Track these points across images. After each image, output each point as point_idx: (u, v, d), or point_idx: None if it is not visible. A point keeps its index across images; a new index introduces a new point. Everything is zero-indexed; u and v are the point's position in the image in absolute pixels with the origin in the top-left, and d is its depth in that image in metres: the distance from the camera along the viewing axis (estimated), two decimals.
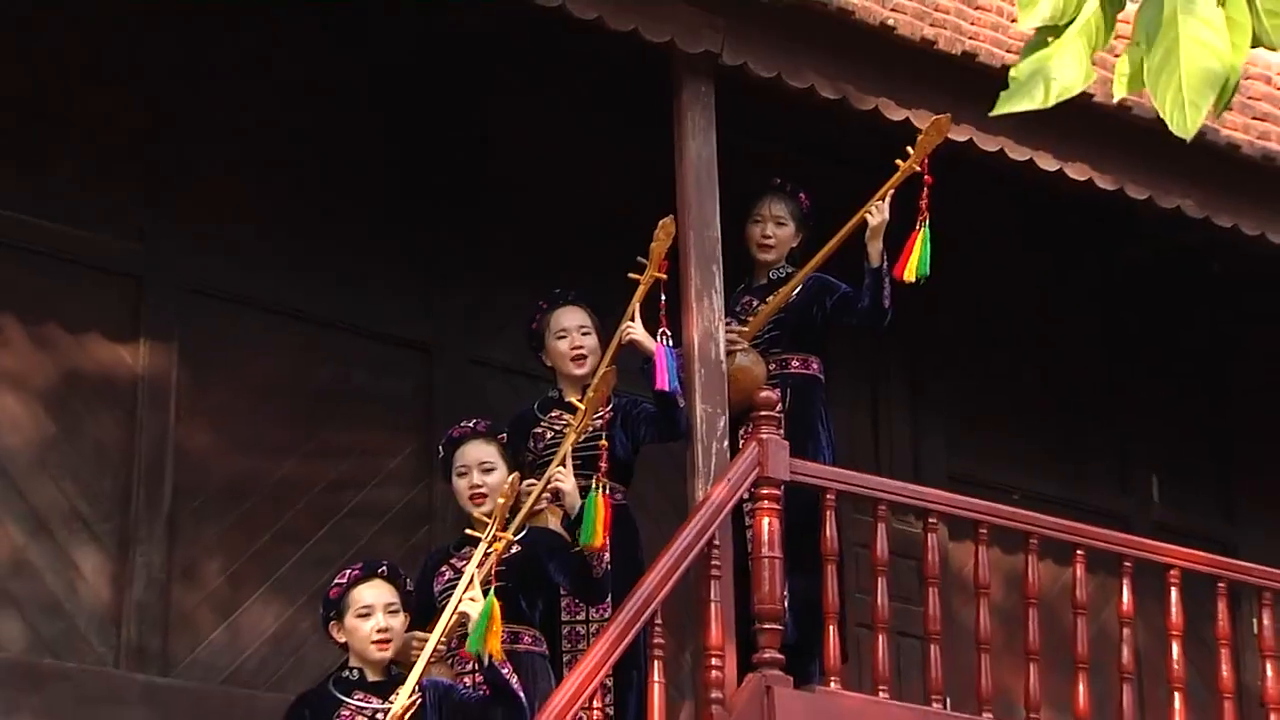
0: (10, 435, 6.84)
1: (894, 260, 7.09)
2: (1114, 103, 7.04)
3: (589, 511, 6.30)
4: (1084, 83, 2.70)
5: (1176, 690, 7.62)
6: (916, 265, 6.99)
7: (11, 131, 7.02)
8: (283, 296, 7.48)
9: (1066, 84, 2.70)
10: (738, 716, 6.51)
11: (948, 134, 7.11)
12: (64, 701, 6.63)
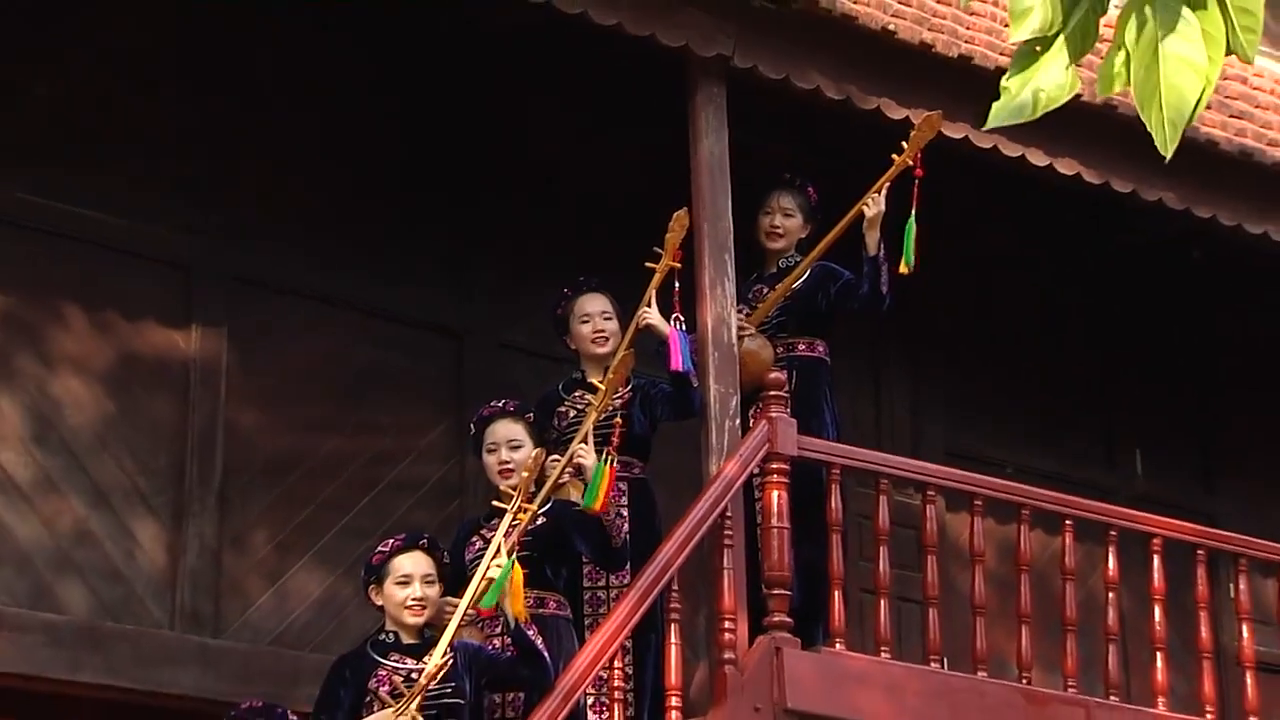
0: (73, 415, 6.85)
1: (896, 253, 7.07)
2: (1100, 102, 7.01)
3: (595, 479, 6.30)
4: (1070, 92, 2.69)
5: (1158, 651, 7.61)
6: (904, 257, 6.97)
7: (71, 134, 7.02)
8: (323, 286, 7.47)
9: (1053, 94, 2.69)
10: (749, 676, 6.51)
11: (939, 130, 7.07)
12: (123, 661, 6.66)
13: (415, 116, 7.80)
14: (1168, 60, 2.56)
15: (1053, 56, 2.69)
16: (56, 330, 6.89)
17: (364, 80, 7.71)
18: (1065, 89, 2.69)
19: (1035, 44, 2.70)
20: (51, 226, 6.93)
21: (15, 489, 6.68)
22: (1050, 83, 2.68)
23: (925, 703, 6.99)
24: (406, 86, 7.79)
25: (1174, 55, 2.56)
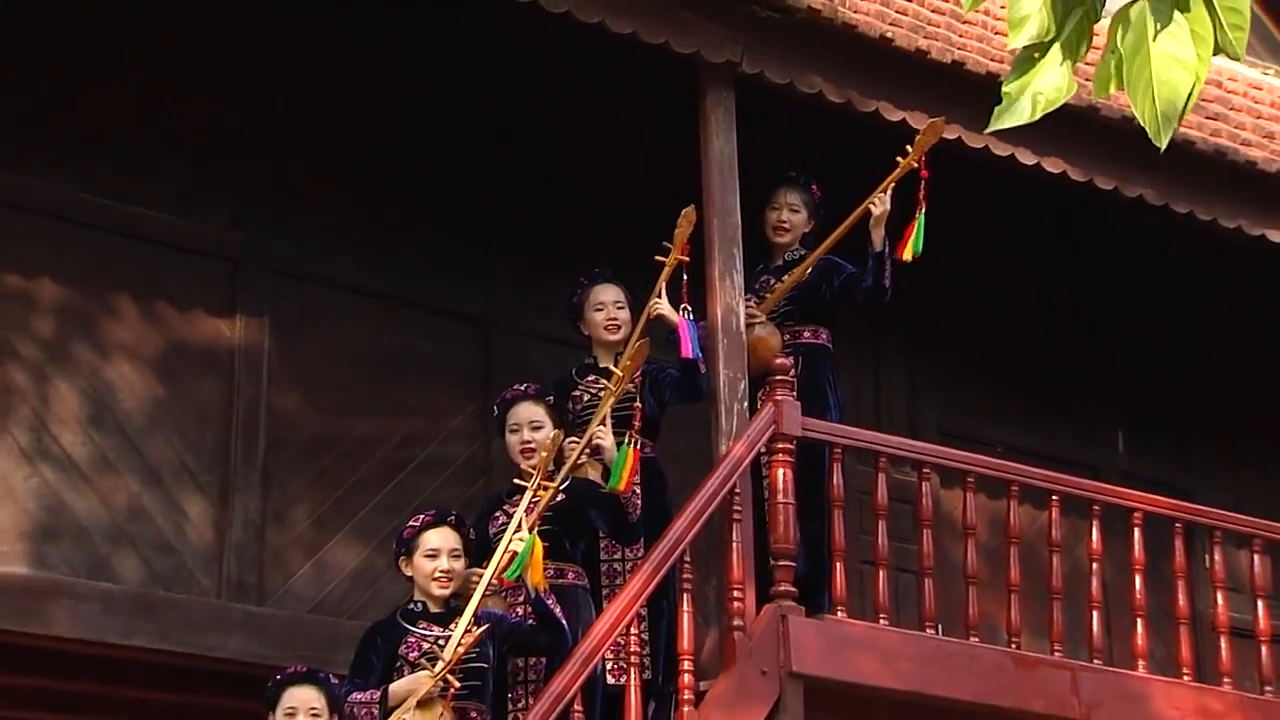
0: (127, 399, 6.84)
1: (894, 245, 7.06)
2: (1084, 104, 6.98)
3: (619, 460, 6.31)
4: (1067, 94, 2.67)
5: (1139, 617, 7.61)
6: (912, 246, 6.96)
7: (126, 137, 7.00)
8: (358, 277, 7.45)
9: (1051, 97, 2.66)
10: (756, 642, 6.50)
11: (942, 135, 7.05)
12: (174, 627, 6.66)
13: (444, 121, 7.77)
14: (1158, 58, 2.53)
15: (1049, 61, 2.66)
16: (111, 320, 6.88)
17: (397, 87, 7.68)
18: (1062, 91, 2.66)
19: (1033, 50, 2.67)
20: (106, 223, 6.91)
21: (74, 467, 6.67)
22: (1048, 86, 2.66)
23: (921, 666, 6.97)
24: (436, 93, 7.75)
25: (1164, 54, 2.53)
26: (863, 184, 7.12)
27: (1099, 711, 7.38)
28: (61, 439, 6.67)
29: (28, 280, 6.70)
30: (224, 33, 7.24)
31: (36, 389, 6.64)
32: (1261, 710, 7.81)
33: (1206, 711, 7.65)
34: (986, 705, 7.16)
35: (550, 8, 6.52)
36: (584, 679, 5.98)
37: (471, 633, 5.79)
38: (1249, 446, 9.85)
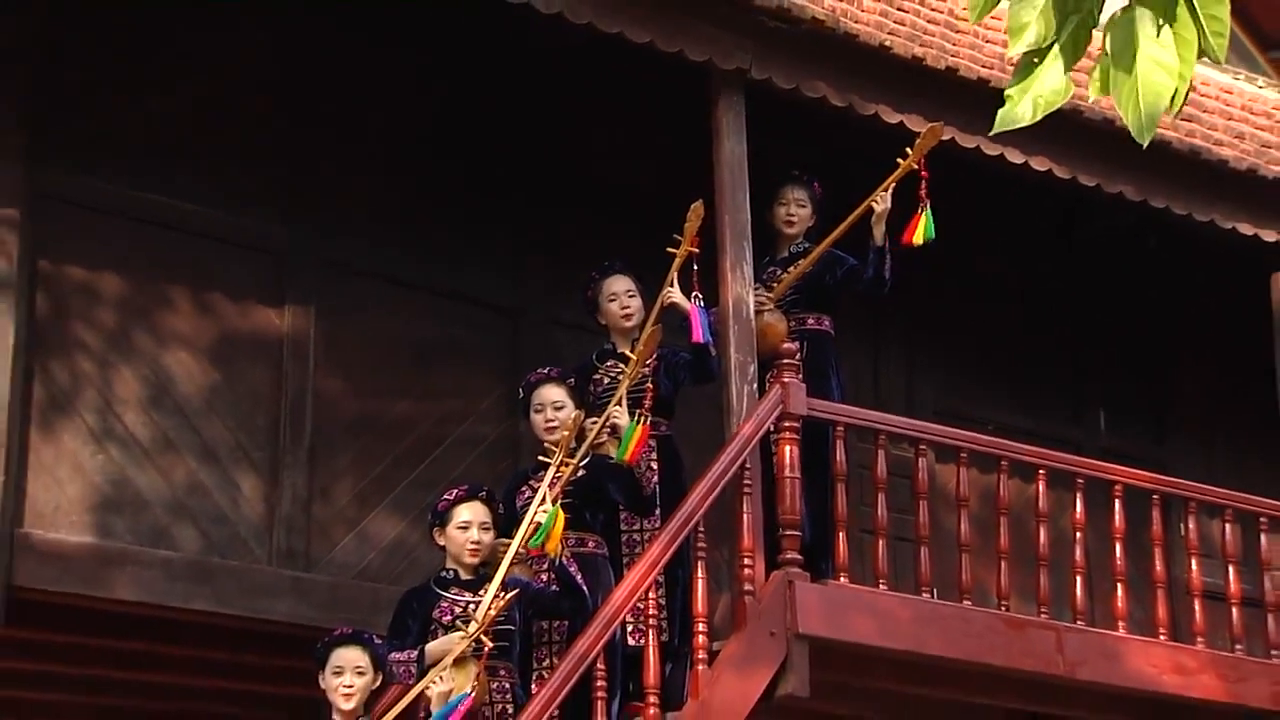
0: (185, 384, 6.81)
1: (897, 237, 7.02)
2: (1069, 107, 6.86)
3: (628, 433, 6.31)
4: (1065, 96, 2.62)
5: (1119, 582, 7.58)
6: (923, 231, 6.93)
7: (181, 138, 6.96)
8: (397, 269, 7.41)
9: (1050, 100, 2.62)
10: (765, 605, 6.47)
11: (940, 138, 7.02)
12: (229, 592, 6.65)
13: (476, 126, 7.71)
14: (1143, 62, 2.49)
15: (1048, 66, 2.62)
16: (168, 310, 6.84)
17: (432, 94, 7.63)
18: (1060, 94, 2.62)
19: (1032, 55, 2.63)
20: (163, 220, 6.87)
21: (137, 445, 6.65)
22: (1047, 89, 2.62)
23: (917, 628, 6.94)
24: (469, 100, 7.70)
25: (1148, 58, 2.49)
26: (863, 182, 7.08)
27: (1082, 668, 7.35)
28: (125, 420, 6.64)
29: (91, 274, 6.67)
30: (273, 44, 7.21)
31: (101, 375, 6.62)
32: (1232, 667, 7.77)
33: (1181, 668, 7.62)
34: (978, 663, 7.14)
35: (574, 19, 6.50)
36: (605, 640, 5.95)
37: (502, 598, 5.74)
38: (1220, 424, 9.80)
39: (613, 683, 6.01)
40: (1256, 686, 7.79)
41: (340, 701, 5.52)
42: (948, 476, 7.65)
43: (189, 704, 7.71)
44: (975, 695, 7.52)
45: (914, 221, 6.94)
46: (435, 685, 5.65)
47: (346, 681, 5.51)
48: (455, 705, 5.57)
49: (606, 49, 6.84)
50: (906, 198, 7.00)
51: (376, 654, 5.61)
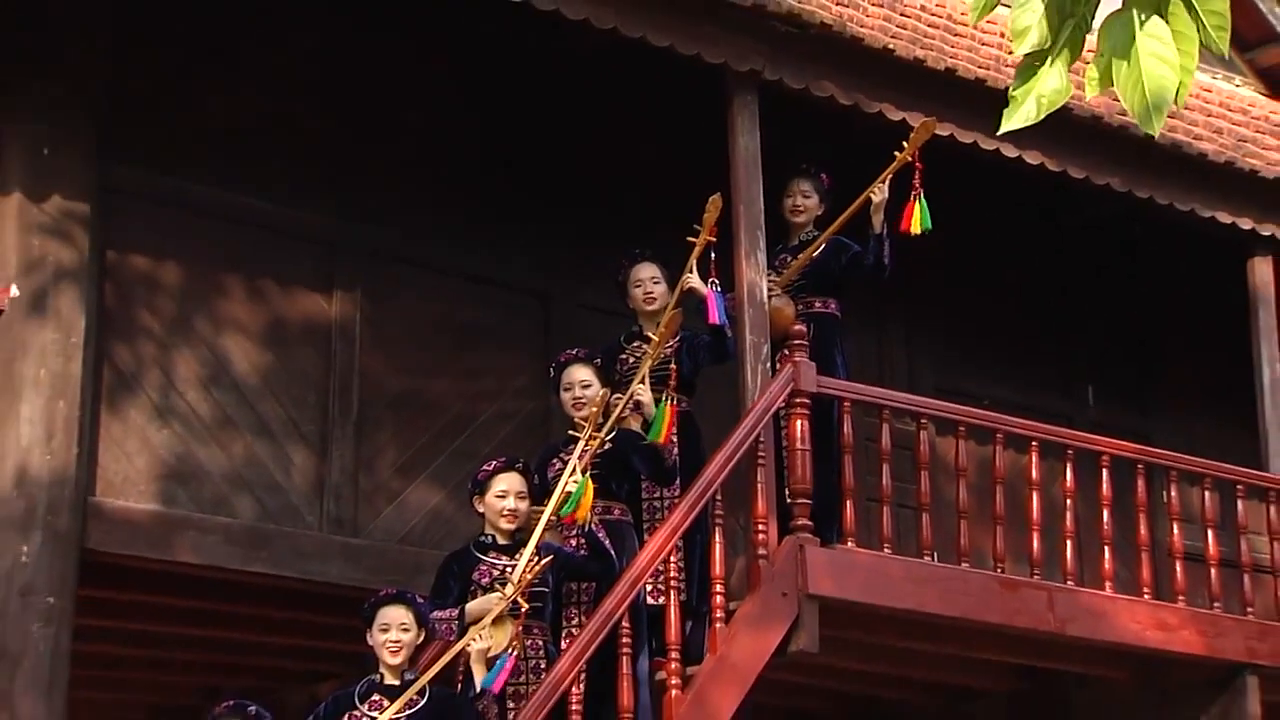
0: (242, 365, 6.80)
1: (894, 225, 6.97)
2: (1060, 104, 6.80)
3: (658, 416, 6.30)
4: (1066, 96, 2.57)
5: (1106, 545, 7.54)
6: (919, 220, 6.86)
7: (238, 137, 6.93)
8: (437, 258, 7.38)
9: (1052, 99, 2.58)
10: (778, 568, 6.44)
11: (934, 132, 6.96)
12: (284, 555, 6.65)
13: (510, 125, 7.68)
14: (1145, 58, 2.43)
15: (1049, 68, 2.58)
16: (226, 297, 6.83)
17: (470, 96, 7.59)
18: (1062, 94, 2.58)
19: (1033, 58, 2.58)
20: (220, 212, 6.86)
21: (198, 421, 6.65)
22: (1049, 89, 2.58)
23: (919, 588, 6.91)
24: (503, 100, 7.67)
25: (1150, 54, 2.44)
26: (869, 175, 7.03)
27: (1071, 625, 7.32)
28: (187, 398, 6.64)
29: (155, 263, 6.67)
30: (323, 52, 7.19)
31: (164, 357, 6.62)
32: (1210, 623, 7.74)
33: (1163, 625, 7.59)
34: (975, 621, 7.11)
35: (599, 24, 6.46)
36: (630, 600, 5.93)
37: (536, 563, 5.72)
38: (1200, 399, 9.74)
39: (637, 639, 5.99)
40: (1232, 641, 7.76)
41: (387, 656, 5.53)
42: (947, 448, 7.62)
43: (247, 658, 7.75)
44: (972, 650, 7.53)
45: (909, 211, 6.88)
46: (475, 642, 5.66)
47: (393, 637, 5.51)
48: (501, 666, 5.57)
49: (630, 52, 6.79)
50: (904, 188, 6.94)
51: (420, 612, 5.61)
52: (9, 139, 6.25)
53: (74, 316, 6.20)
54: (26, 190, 6.19)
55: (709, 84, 6.99)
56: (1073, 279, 9.49)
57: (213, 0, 6.88)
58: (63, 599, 5.98)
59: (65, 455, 6.07)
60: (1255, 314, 8.45)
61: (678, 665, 6.02)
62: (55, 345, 6.13)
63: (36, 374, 6.08)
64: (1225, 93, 9.71)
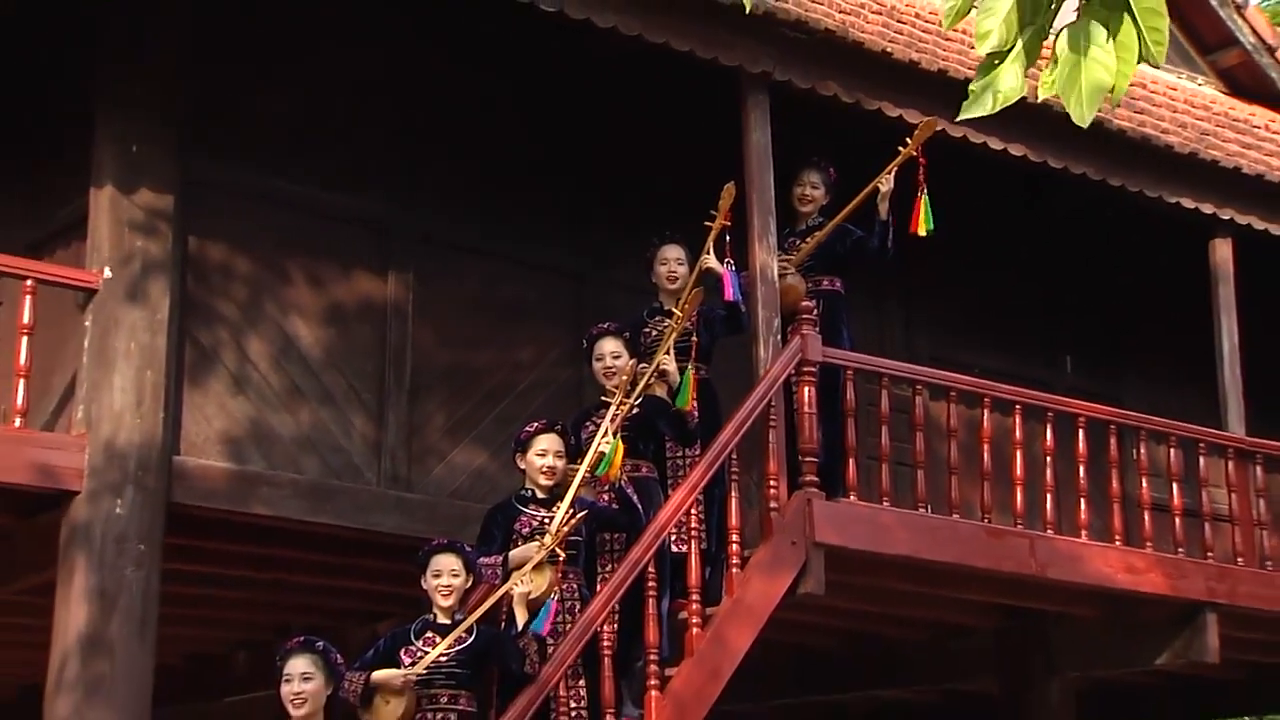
0: (307, 341, 6.78)
1: (901, 217, 6.91)
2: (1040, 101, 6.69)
3: (683, 385, 6.28)
4: (1019, 93, 2.56)
5: (1081, 497, 7.52)
6: (925, 221, 6.81)
7: (300, 133, 6.90)
8: (481, 241, 7.33)
9: (1007, 95, 2.56)
10: (788, 520, 6.42)
11: (935, 129, 6.89)
12: (346, 508, 6.63)
13: (548, 121, 7.63)
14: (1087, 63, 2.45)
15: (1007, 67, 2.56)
16: (292, 279, 6.79)
17: (511, 94, 7.54)
18: (1016, 91, 2.56)
19: (994, 57, 2.57)
20: (287, 202, 6.82)
21: (270, 390, 6.64)
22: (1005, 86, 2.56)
23: (914, 536, 6.89)
24: (542, 99, 7.62)
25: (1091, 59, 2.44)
26: (869, 166, 6.95)
27: (1050, 569, 7.30)
28: (259, 369, 6.63)
29: (229, 249, 6.63)
30: (380, 55, 7.13)
31: (238, 333, 6.59)
32: (1174, 566, 7.71)
33: (1131, 568, 7.56)
34: (964, 566, 7.10)
35: (625, 31, 6.42)
36: (655, 549, 5.92)
37: (572, 516, 5.70)
38: (1166, 366, 9.66)
39: (662, 583, 5.99)
40: (1194, 582, 7.73)
41: (439, 599, 5.53)
42: (939, 411, 7.57)
43: (314, 599, 7.76)
44: (962, 592, 7.53)
45: (916, 213, 6.81)
46: (517, 586, 5.63)
47: (445, 582, 5.51)
48: (547, 611, 5.56)
49: (654, 57, 6.73)
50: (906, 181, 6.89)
51: (468, 560, 5.61)
52: (102, 138, 6.22)
53: (159, 296, 6.18)
54: (117, 184, 6.16)
55: (725, 84, 6.94)
56: (1053, 260, 9.41)
57: (282, 10, 6.83)
58: (152, 546, 6.00)
59: (153, 419, 6.07)
60: (1216, 290, 8.39)
61: (698, 606, 6.02)
62: (143, 322, 6.11)
63: (127, 347, 6.07)
64: (1189, 91, 9.69)
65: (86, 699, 5.74)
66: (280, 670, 5.08)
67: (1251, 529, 8.09)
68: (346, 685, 5.30)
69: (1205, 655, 7.66)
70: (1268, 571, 8.02)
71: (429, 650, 5.45)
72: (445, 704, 5.45)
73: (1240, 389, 8.25)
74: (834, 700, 10.39)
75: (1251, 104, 10.09)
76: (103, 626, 5.82)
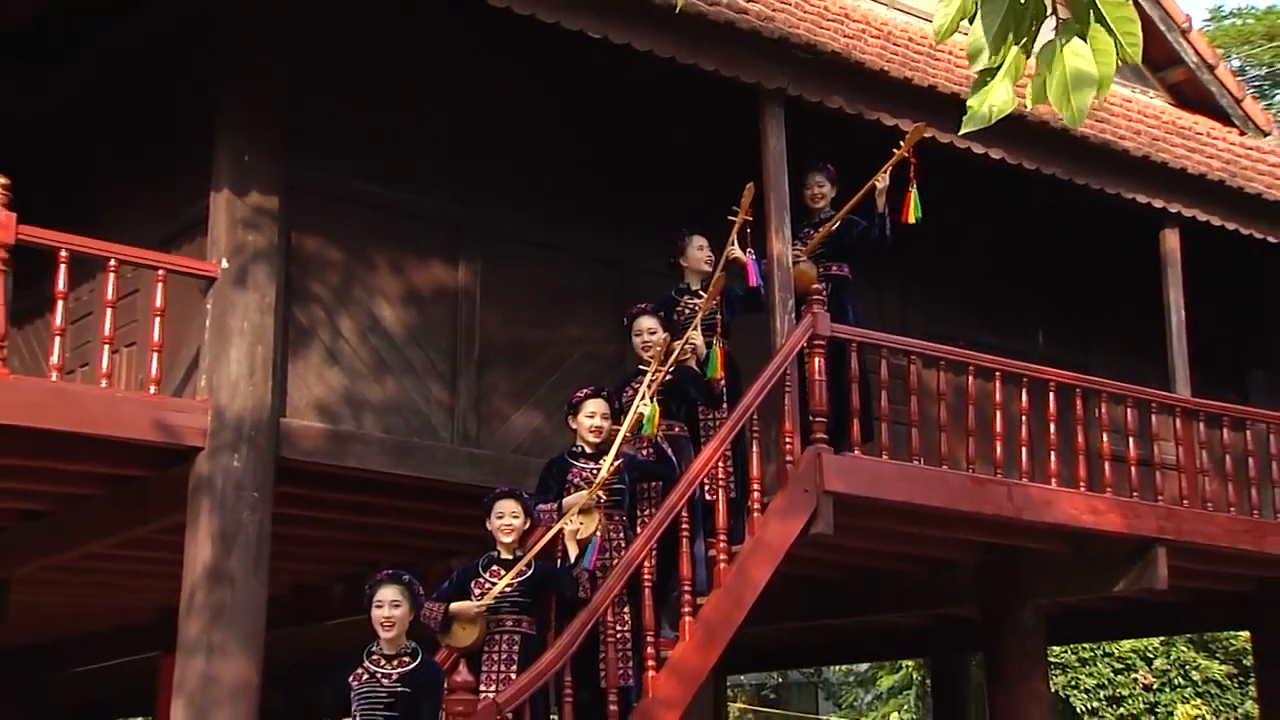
0: (391, 320, 6.70)
1: (895, 210, 6.78)
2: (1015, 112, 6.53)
3: (711, 358, 6.21)
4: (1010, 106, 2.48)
5: (1051, 450, 7.36)
6: (914, 210, 6.66)
7: (382, 140, 6.80)
8: (537, 235, 7.22)
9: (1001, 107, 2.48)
10: (801, 470, 6.34)
11: (924, 135, 6.76)
12: (424, 462, 6.57)
13: (593, 131, 7.50)
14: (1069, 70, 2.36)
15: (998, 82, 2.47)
16: (376, 268, 6.71)
17: (562, 107, 7.42)
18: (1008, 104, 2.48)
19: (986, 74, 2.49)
20: (373, 201, 6.74)
21: (360, 363, 6.57)
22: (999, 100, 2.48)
23: (909, 484, 6.80)
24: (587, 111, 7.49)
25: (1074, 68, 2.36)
26: (869, 166, 6.82)
27: (1025, 511, 7.20)
28: (350, 344, 6.56)
29: (324, 242, 6.57)
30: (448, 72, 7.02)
31: (332, 315, 6.53)
32: (1130, 508, 7.60)
33: (1094, 510, 7.45)
34: (952, 509, 7.01)
35: (660, 53, 6.30)
36: (688, 496, 5.85)
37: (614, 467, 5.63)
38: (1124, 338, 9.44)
39: (694, 526, 5.93)
40: (1146, 521, 7.62)
41: (502, 538, 5.49)
42: (930, 378, 7.43)
43: (398, 539, 7.71)
44: (949, 532, 7.46)
45: (906, 204, 6.68)
46: (568, 525, 5.58)
47: (506, 523, 5.48)
48: (593, 547, 5.50)
49: (684, 75, 6.62)
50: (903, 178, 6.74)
51: (527, 505, 5.57)
52: (220, 150, 6.18)
53: (267, 283, 6.13)
54: (232, 188, 6.13)
55: (745, 99, 6.81)
56: (1028, 248, 9.23)
57: (367, 39, 6.75)
58: (263, 494, 5.97)
59: (262, 387, 6.04)
60: (1165, 272, 8.23)
61: (725, 545, 5.95)
62: (253, 304, 6.07)
63: (241, 326, 6.04)
64: (1142, 103, 9.58)
65: (212, 622, 5.75)
66: (371, 598, 5.06)
67: (1195, 476, 8.00)
68: (427, 613, 5.27)
69: (1155, 583, 7.57)
70: (1208, 512, 7.95)
71: (495, 582, 5.42)
72: (510, 627, 5.44)
73: (1186, 357, 8.13)
74: (839, 624, 10.36)
75: (1195, 114, 10.01)
76: (224, 561, 5.82)
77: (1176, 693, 13.36)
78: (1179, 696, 13.33)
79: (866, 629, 10.94)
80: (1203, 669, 13.35)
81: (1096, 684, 13.53)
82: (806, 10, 7.27)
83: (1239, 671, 13.20)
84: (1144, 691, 13.49)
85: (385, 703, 4.89)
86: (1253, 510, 8.23)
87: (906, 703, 16.62)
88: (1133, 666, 13.47)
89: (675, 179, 7.62)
